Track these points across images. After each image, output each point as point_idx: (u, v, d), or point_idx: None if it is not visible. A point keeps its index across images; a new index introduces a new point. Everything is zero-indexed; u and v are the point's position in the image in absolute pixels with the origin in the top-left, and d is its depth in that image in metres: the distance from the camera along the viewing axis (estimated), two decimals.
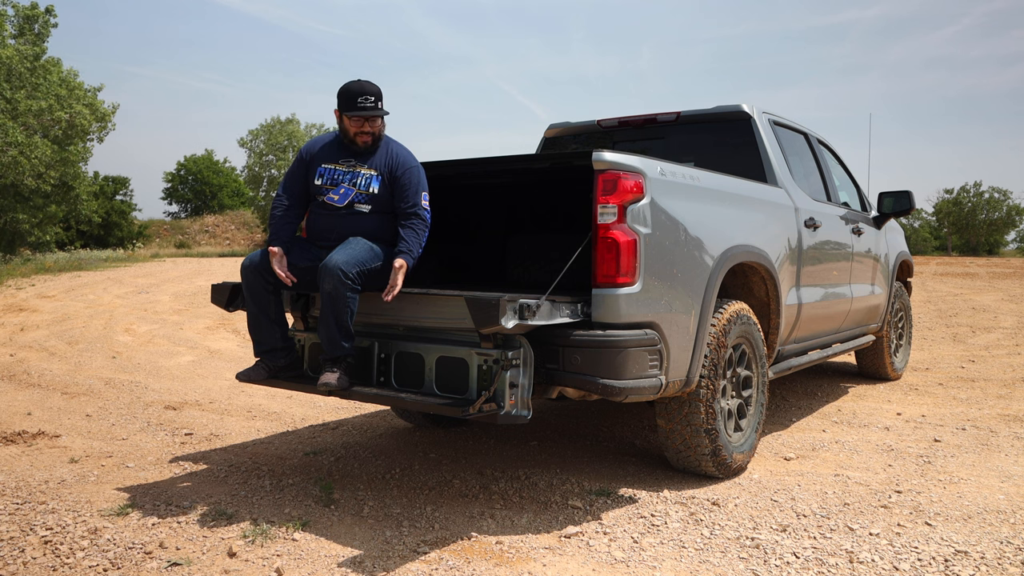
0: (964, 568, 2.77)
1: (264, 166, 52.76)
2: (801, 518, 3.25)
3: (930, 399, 5.73)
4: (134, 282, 16.26)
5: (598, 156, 3.16)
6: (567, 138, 5.39)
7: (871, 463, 4.08)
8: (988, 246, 58.22)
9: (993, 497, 3.51)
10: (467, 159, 3.86)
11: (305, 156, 3.63)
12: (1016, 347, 8.19)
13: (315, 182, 3.56)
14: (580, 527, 3.15)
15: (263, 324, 3.51)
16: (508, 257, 4.84)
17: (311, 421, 5.12)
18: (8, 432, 4.64)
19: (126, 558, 2.85)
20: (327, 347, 3.30)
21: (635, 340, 3.13)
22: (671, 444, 3.68)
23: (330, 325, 3.26)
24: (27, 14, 25.57)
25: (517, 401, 2.96)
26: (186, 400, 5.78)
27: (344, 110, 3.50)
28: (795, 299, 4.47)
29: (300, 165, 3.63)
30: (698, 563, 2.83)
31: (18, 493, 3.56)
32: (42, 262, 21.49)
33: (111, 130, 28.42)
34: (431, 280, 4.55)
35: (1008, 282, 16.39)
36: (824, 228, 4.85)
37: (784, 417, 5.18)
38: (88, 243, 35.70)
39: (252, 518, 3.24)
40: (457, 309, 3.21)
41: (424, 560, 2.83)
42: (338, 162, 3.57)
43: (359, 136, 3.52)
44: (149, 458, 4.20)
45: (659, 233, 3.27)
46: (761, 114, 4.64)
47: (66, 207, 28.78)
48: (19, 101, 23.77)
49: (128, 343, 8.65)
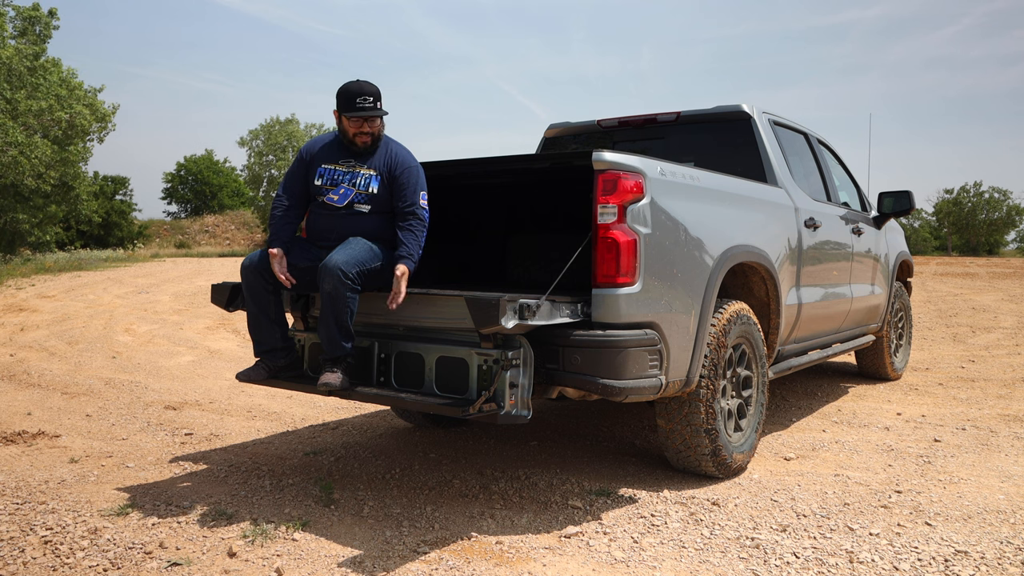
0: (964, 568, 2.77)
1: (264, 166, 52.78)
2: (801, 518, 3.25)
3: (930, 399, 5.73)
4: (134, 282, 16.26)
5: (598, 156, 3.16)
6: (567, 138, 5.39)
7: (871, 463, 4.08)
8: (988, 246, 58.22)
9: (993, 497, 3.51)
10: (467, 159, 3.86)
11: (305, 156, 3.63)
12: (1016, 347, 8.19)
13: (315, 182, 3.56)
14: (580, 527, 3.15)
15: (263, 324, 3.51)
16: (508, 257, 4.84)
17: (311, 421, 5.12)
18: (8, 432, 4.64)
19: (126, 558, 2.85)
20: (327, 347, 3.30)
21: (635, 340, 3.13)
22: (671, 444, 3.68)
23: (330, 325, 3.26)
24: (29, 15, 25.57)
25: (517, 401, 2.96)
26: (186, 400, 5.78)
27: (343, 111, 3.50)
28: (795, 299, 4.47)
29: (300, 165, 3.63)
30: (698, 563, 2.83)
31: (18, 493, 3.56)
32: (42, 262, 21.49)
33: (111, 130, 28.43)
34: (431, 280, 4.55)
35: (1008, 282, 16.39)
36: (824, 228, 4.85)
37: (784, 417, 5.18)
38: (88, 243, 35.70)
39: (252, 518, 3.24)
40: (457, 309, 3.21)
41: (424, 560, 2.83)
42: (338, 162, 3.57)
43: (358, 136, 3.52)
44: (149, 458, 4.20)
45: (659, 233, 3.27)
46: (761, 114, 4.64)
47: (66, 207, 28.78)
48: (19, 101, 23.77)
49: (128, 343, 8.65)
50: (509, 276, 4.80)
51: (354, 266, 3.26)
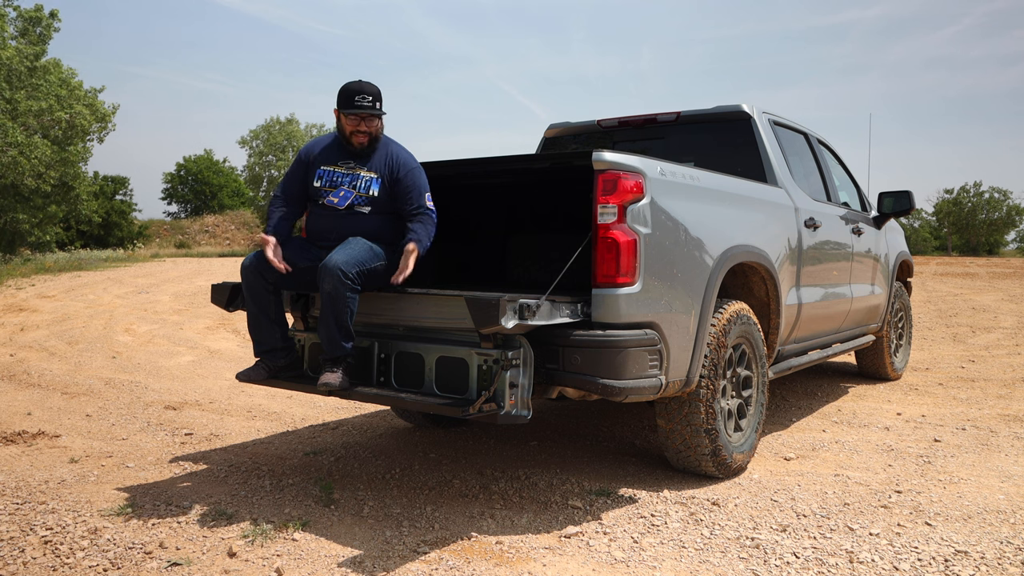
0: (964, 568, 2.77)
1: (264, 166, 52.83)
2: (801, 518, 3.25)
3: (930, 399, 5.73)
4: (134, 282, 16.26)
5: (598, 156, 3.16)
6: (567, 138, 5.39)
7: (871, 463, 4.08)
8: (988, 246, 58.24)
9: (993, 497, 3.51)
10: (467, 159, 3.85)
11: (304, 158, 3.62)
12: (1016, 347, 8.19)
13: (314, 184, 3.56)
14: (580, 527, 3.15)
15: (263, 324, 3.51)
16: (508, 257, 4.84)
17: (311, 421, 5.12)
18: (8, 432, 4.64)
19: (126, 558, 2.85)
20: (327, 347, 3.30)
21: (635, 340, 3.13)
22: (671, 444, 3.68)
23: (330, 325, 3.26)
24: (31, 16, 25.56)
25: (517, 401, 2.96)
26: (186, 400, 5.78)
27: (342, 108, 3.50)
28: (795, 299, 4.47)
29: (299, 167, 3.62)
30: (698, 563, 2.83)
31: (18, 493, 3.56)
32: (42, 262, 21.49)
33: (111, 130, 28.44)
34: (431, 280, 4.55)
35: (1008, 282, 16.39)
36: (824, 228, 4.85)
37: (784, 417, 5.18)
38: (88, 243, 35.70)
39: (252, 518, 3.24)
40: (457, 309, 3.21)
41: (424, 560, 2.83)
42: (337, 164, 3.56)
43: (355, 135, 3.51)
44: (149, 458, 4.20)
45: (659, 233, 3.27)
46: (761, 114, 4.64)
47: (66, 207, 28.78)
48: (19, 101, 23.77)
49: (128, 343, 8.65)
50: (509, 276, 4.80)
51: (354, 266, 3.26)
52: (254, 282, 3.45)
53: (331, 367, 3.30)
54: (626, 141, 5.09)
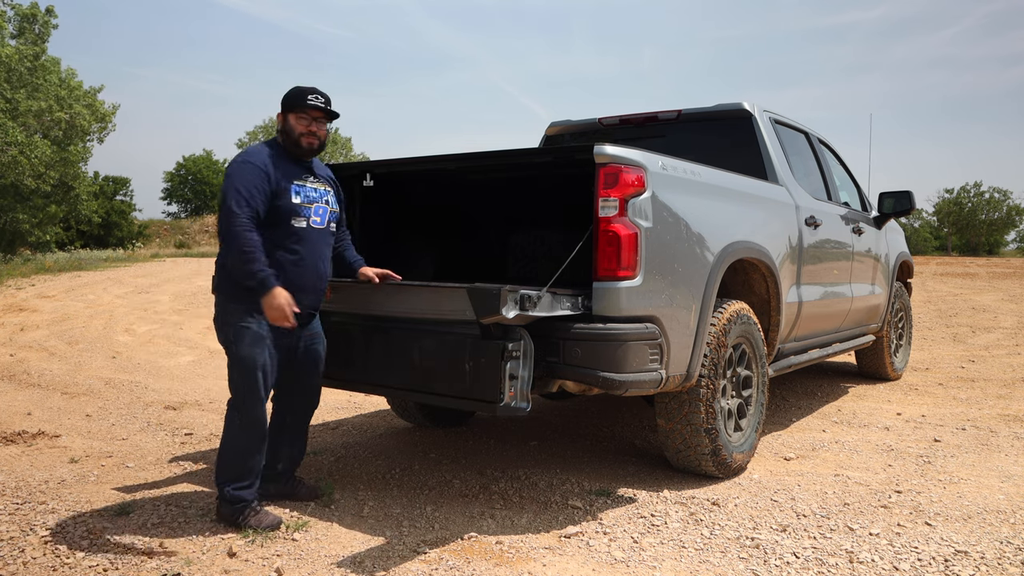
0: (964, 568, 2.76)
1: None
2: (801, 518, 3.25)
3: (930, 399, 5.73)
4: (134, 282, 16.25)
5: (599, 150, 3.15)
6: (568, 136, 5.38)
7: (871, 463, 4.07)
8: (988, 246, 58.22)
9: (993, 497, 3.51)
10: (468, 153, 3.79)
11: (264, 169, 3.12)
12: (1016, 347, 8.18)
13: (292, 200, 3.17)
14: (580, 527, 3.14)
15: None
16: (508, 253, 4.83)
17: (311, 421, 5.10)
18: (8, 432, 4.64)
19: (126, 558, 2.85)
20: (293, 463, 3.49)
21: (635, 334, 3.12)
22: (671, 444, 3.68)
23: (303, 437, 3.50)
24: (27, 14, 25.55)
25: (516, 393, 2.95)
26: (186, 400, 5.78)
27: (293, 108, 3.21)
28: (795, 297, 4.46)
29: (264, 180, 3.10)
30: (698, 563, 2.82)
31: (18, 493, 3.55)
32: (42, 262, 21.47)
33: (111, 130, 28.42)
34: (431, 276, 4.54)
35: (1008, 282, 16.38)
36: (825, 227, 4.85)
37: (784, 417, 5.18)
38: (88, 243, 35.70)
39: None
40: (458, 301, 3.19)
41: (424, 560, 2.83)
42: (303, 179, 3.25)
43: (305, 137, 3.21)
44: (149, 458, 4.20)
45: (660, 227, 3.27)
46: (762, 112, 4.64)
47: (66, 207, 28.76)
48: (19, 101, 23.75)
49: (128, 343, 8.65)
50: (509, 272, 4.79)
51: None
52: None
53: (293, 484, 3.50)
54: (627, 139, 5.08)
